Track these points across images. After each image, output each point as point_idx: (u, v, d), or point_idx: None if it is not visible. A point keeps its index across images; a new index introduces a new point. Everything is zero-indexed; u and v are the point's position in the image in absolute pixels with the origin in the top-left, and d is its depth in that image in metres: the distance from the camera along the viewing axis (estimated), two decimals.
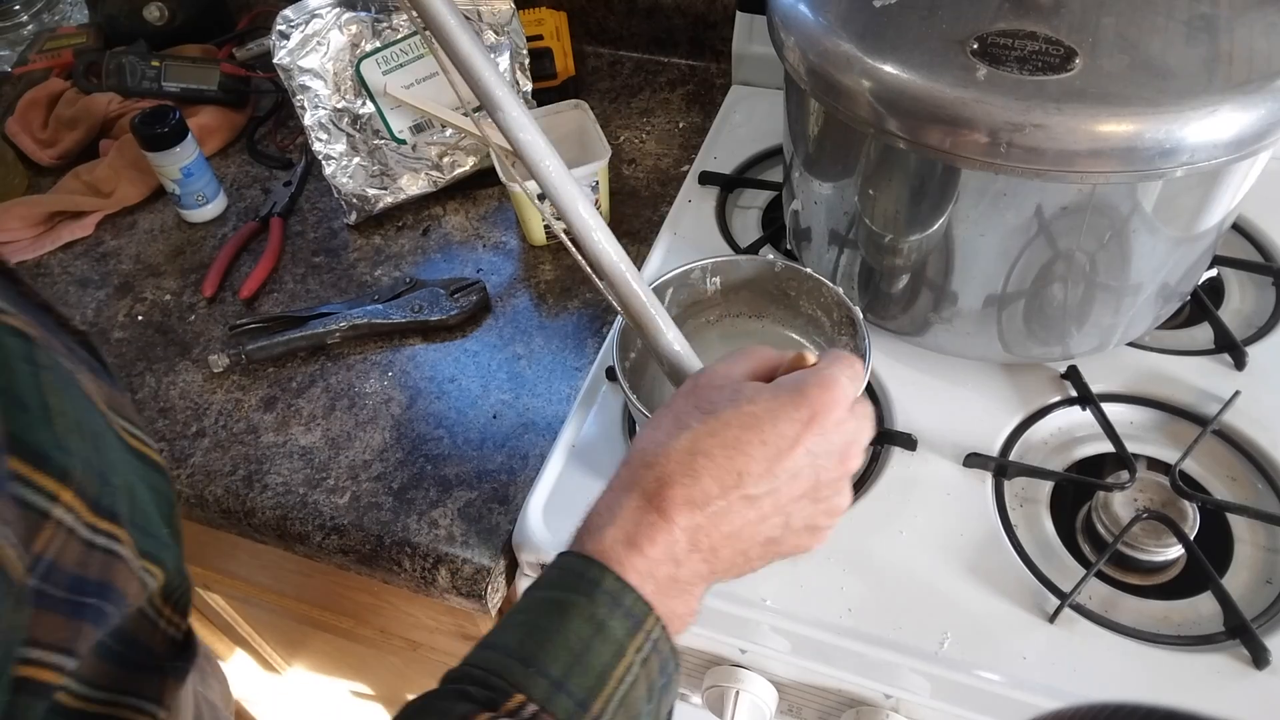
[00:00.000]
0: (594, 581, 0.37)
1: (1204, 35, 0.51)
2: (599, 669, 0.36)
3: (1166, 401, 0.65)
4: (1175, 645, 0.54)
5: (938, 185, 0.56)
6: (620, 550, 0.38)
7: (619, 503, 0.39)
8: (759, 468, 0.39)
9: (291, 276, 0.85)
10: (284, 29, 0.78)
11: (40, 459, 0.32)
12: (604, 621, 0.36)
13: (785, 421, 0.39)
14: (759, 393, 0.40)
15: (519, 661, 0.36)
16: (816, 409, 0.40)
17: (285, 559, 0.73)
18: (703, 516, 0.39)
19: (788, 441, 0.39)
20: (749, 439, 0.39)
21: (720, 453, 0.39)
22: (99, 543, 0.35)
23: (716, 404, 0.40)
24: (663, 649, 0.38)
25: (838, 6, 0.58)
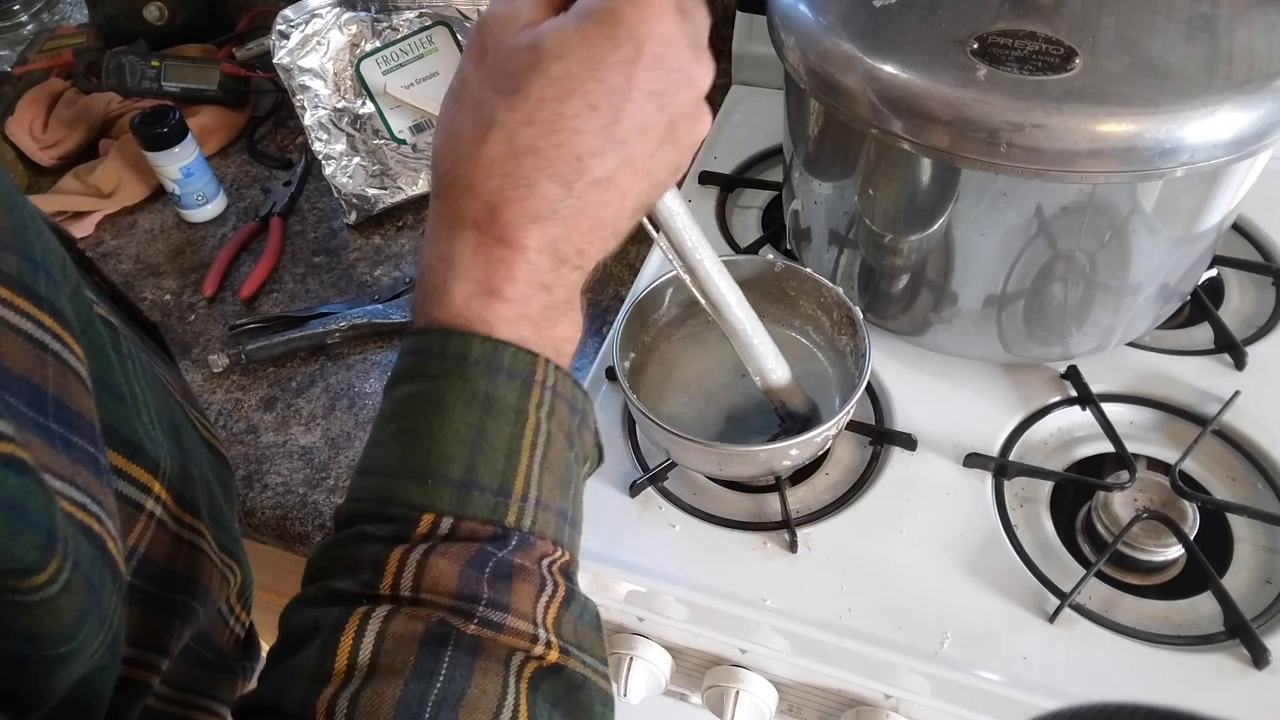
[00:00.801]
0: (459, 356, 0.31)
1: (1204, 35, 0.51)
2: (505, 447, 0.31)
3: (1166, 401, 0.65)
4: (1175, 645, 0.54)
5: (938, 185, 0.56)
6: (477, 305, 0.31)
7: (452, 247, 0.32)
8: (597, 141, 0.32)
9: (291, 276, 0.85)
10: (284, 29, 0.78)
11: (134, 450, 0.31)
12: (489, 394, 0.31)
13: (608, 68, 0.31)
14: (564, 43, 0.31)
15: (411, 478, 0.31)
16: (639, 35, 0.31)
17: (285, 559, 0.73)
18: (555, 225, 0.32)
19: (620, 93, 0.31)
20: (573, 110, 0.31)
21: (546, 142, 0.31)
22: (185, 536, 0.34)
23: (517, 77, 0.31)
24: (563, 388, 0.33)
25: (838, 6, 0.58)
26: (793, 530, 0.58)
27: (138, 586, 0.31)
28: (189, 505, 0.35)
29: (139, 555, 0.31)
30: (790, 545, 0.59)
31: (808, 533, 0.59)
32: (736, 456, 0.58)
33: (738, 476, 0.63)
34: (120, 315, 0.39)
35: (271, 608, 0.99)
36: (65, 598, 0.24)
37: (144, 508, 0.31)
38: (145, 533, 0.31)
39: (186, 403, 0.41)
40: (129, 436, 0.31)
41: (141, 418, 0.32)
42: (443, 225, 0.32)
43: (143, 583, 0.32)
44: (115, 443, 0.30)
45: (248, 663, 0.44)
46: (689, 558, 0.59)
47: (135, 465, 0.31)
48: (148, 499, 0.32)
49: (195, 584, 0.35)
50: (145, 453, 0.31)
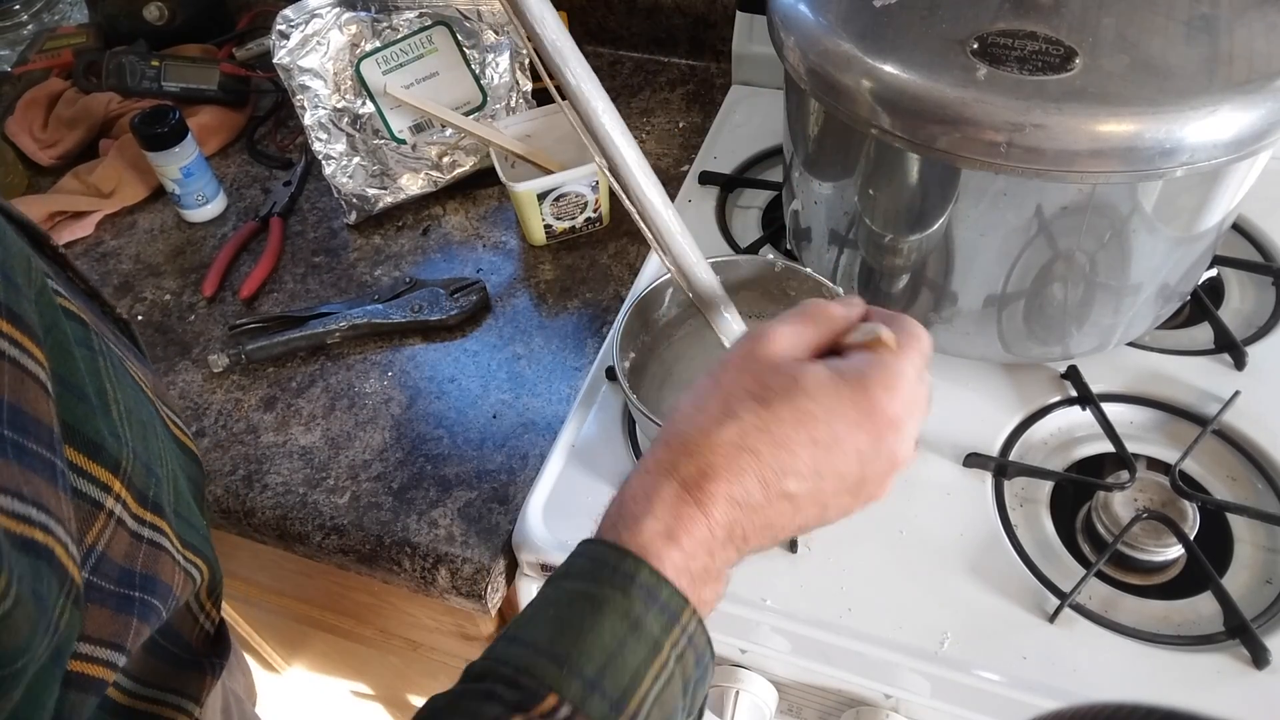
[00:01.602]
0: (629, 575, 0.35)
1: (1204, 35, 0.51)
2: (634, 667, 0.34)
3: (1166, 401, 0.65)
4: (1175, 645, 0.54)
5: (938, 185, 0.56)
6: (659, 543, 0.36)
7: (656, 490, 0.37)
8: (805, 468, 0.37)
9: (291, 276, 0.85)
10: (284, 29, 0.78)
11: (94, 449, 0.31)
12: (640, 618, 0.35)
13: (841, 423, 0.37)
14: (819, 386, 0.37)
15: (551, 660, 0.34)
16: (876, 411, 0.37)
17: (285, 559, 0.73)
18: (741, 513, 0.37)
19: (838, 444, 0.37)
20: (800, 438, 0.37)
21: (768, 451, 0.36)
22: (145, 535, 0.35)
23: (771, 392, 0.37)
24: (698, 642, 0.37)
25: (838, 6, 0.58)
26: None
27: (96, 584, 0.32)
28: (151, 504, 0.35)
29: (98, 553, 0.32)
30: (790, 545, 0.59)
31: (808, 533, 0.59)
32: None
33: None
34: (95, 311, 0.39)
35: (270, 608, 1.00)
36: (18, 612, 0.24)
37: (103, 506, 0.32)
38: (105, 531, 0.32)
39: (158, 399, 0.42)
40: (90, 436, 0.31)
41: (110, 414, 0.33)
42: (657, 470, 0.37)
43: (102, 580, 0.32)
44: (76, 442, 0.30)
45: (217, 659, 0.45)
46: None
47: (95, 464, 0.31)
48: (107, 497, 0.32)
49: (156, 582, 0.36)
50: (106, 451, 0.32)
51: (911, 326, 0.41)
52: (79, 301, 0.37)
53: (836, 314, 0.41)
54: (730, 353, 0.39)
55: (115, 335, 0.40)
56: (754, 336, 0.39)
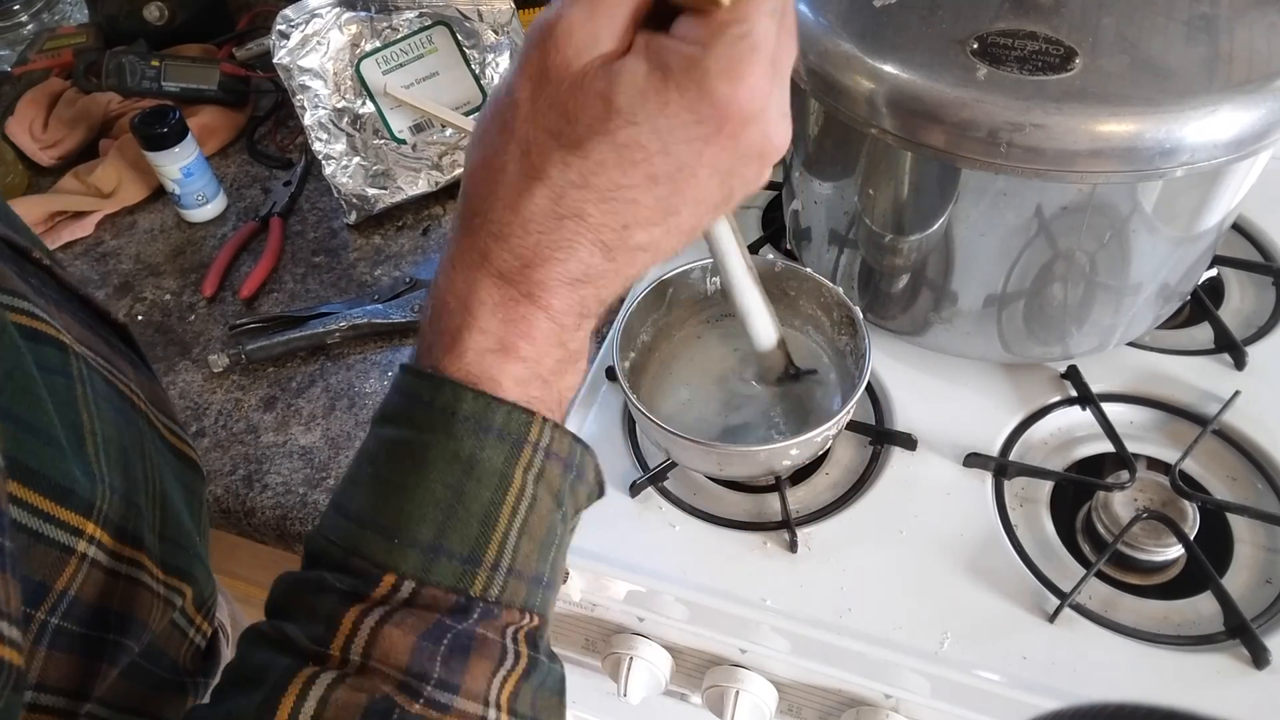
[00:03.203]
0: (447, 409, 0.29)
1: (1204, 35, 0.51)
2: (480, 513, 0.29)
3: (1166, 401, 0.65)
4: (1175, 645, 0.54)
5: (938, 185, 0.56)
6: (489, 361, 0.30)
7: (472, 293, 0.30)
8: (649, 213, 0.30)
9: (291, 276, 0.85)
10: (284, 29, 0.78)
11: (64, 494, 0.30)
12: (473, 455, 0.29)
13: (679, 143, 0.28)
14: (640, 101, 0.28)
15: (378, 533, 0.29)
16: (724, 112, 0.28)
17: (285, 559, 0.73)
18: (587, 288, 0.30)
19: (686, 169, 0.29)
20: (632, 181, 0.29)
21: (596, 209, 0.29)
22: (123, 571, 0.34)
23: (578, 128, 0.28)
24: (558, 446, 0.31)
25: (838, 6, 0.58)
26: (793, 530, 0.58)
27: (64, 629, 0.31)
28: (130, 537, 0.34)
29: (69, 598, 0.30)
30: (790, 545, 0.59)
31: (808, 533, 0.59)
32: (736, 456, 0.58)
33: (738, 476, 0.63)
34: (87, 319, 0.38)
35: None
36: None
37: (74, 550, 0.31)
38: (76, 575, 0.31)
39: (153, 409, 0.40)
40: (59, 480, 0.30)
41: (84, 451, 0.32)
42: (466, 264, 0.30)
43: (72, 625, 0.31)
44: (43, 487, 0.29)
45: (203, 678, 0.43)
46: (689, 558, 0.59)
47: (64, 509, 0.30)
48: (79, 541, 0.31)
49: (130, 620, 0.34)
50: (77, 495, 0.31)
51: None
52: (67, 315, 0.35)
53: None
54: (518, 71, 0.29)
55: (109, 343, 0.39)
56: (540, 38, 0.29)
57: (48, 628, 0.30)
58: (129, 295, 0.84)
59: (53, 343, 0.32)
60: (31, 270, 0.36)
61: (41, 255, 0.37)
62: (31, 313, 0.31)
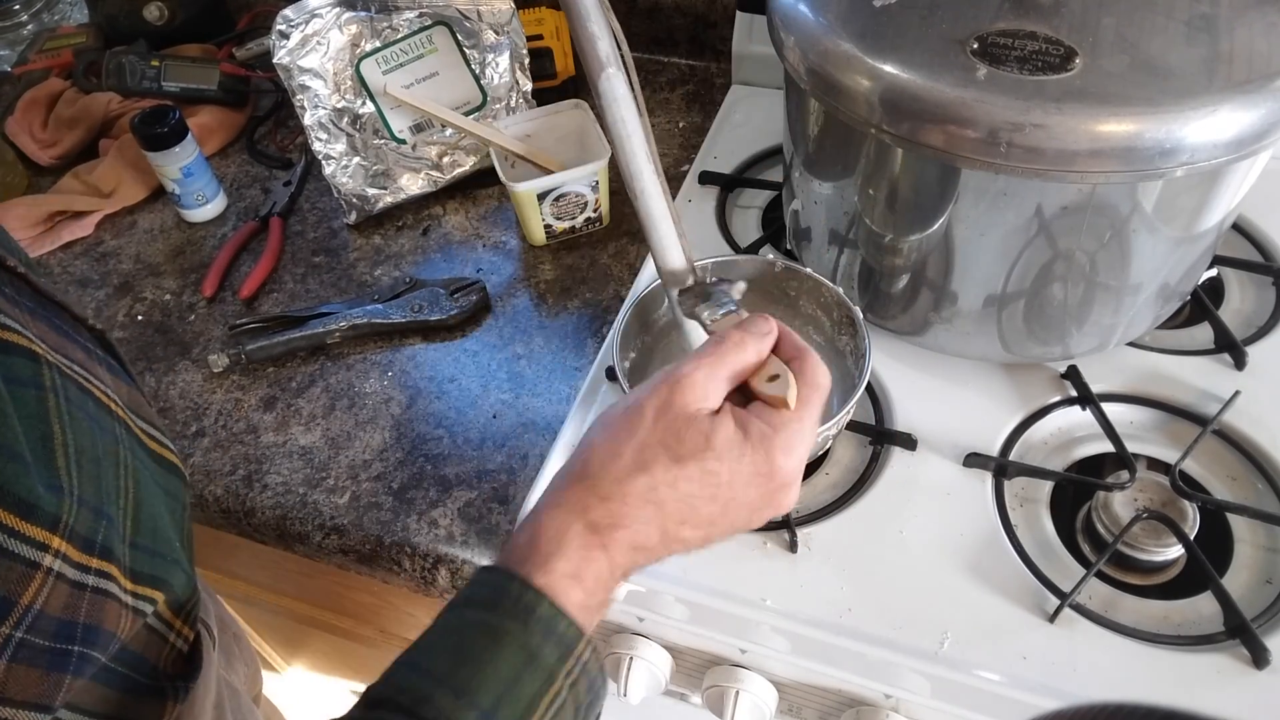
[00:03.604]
0: (530, 608, 0.37)
1: (1204, 35, 0.51)
2: (528, 698, 0.36)
3: (1166, 401, 0.65)
4: (1175, 645, 0.54)
5: (938, 185, 0.56)
6: (565, 583, 0.39)
7: (567, 530, 0.40)
8: (702, 520, 0.41)
9: (291, 276, 0.85)
10: (284, 29, 0.78)
11: (28, 509, 0.31)
12: (537, 649, 0.37)
13: (741, 482, 0.41)
14: (727, 448, 0.41)
15: (449, 690, 0.36)
16: (774, 474, 0.41)
17: (285, 559, 0.73)
18: (639, 555, 0.41)
19: (736, 500, 0.41)
20: (703, 495, 0.41)
21: (673, 505, 0.40)
22: (90, 583, 0.34)
23: (683, 448, 0.40)
24: (591, 670, 0.39)
25: (838, 6, 0.58)
26: (793, 530, 0.58)
27: (29, 643, 0.31)
28: (99, 549, 0.34)
29: (34, 612, 0.31)
30: (790, 545, 0.59)
31: (808, 533, 0.59)
32: None
33: None
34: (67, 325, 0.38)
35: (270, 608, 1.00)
36: None
37: (40, 565, 0.31)
38: (42, 589, 0.31)
39: (132, 415, 0.40)
40: (22, 496, 0.30)
41: (54, 463, 0.32)
42: (569, 506, 0.40)
43: (37, 638, 0.31)
44: (6, 503, 0.30)
45: (183, 682, 0.43)
46: (689, 558, 0.59)
47: (29, 524, 0.31)
48: (45, 555, 0.31)
49: (98, 632, 0.35)
50: (41, 509, 0.31)
51: (814, 374, 0.43)
52: (42, 323, 0.35)
53: (748, 358, 0.43)
54: (648, 396, 0.42)
55: (86, 349, 0.39)
56: (671, 382, 0.41)
57: (11, 641, 0.30)
58: (129, 295, 0.84)
59: (24, 353, 0.32)
60: (5, 279, 0.36)
61: (17, 263, 0.37)
62: (2, 324, 0.32)
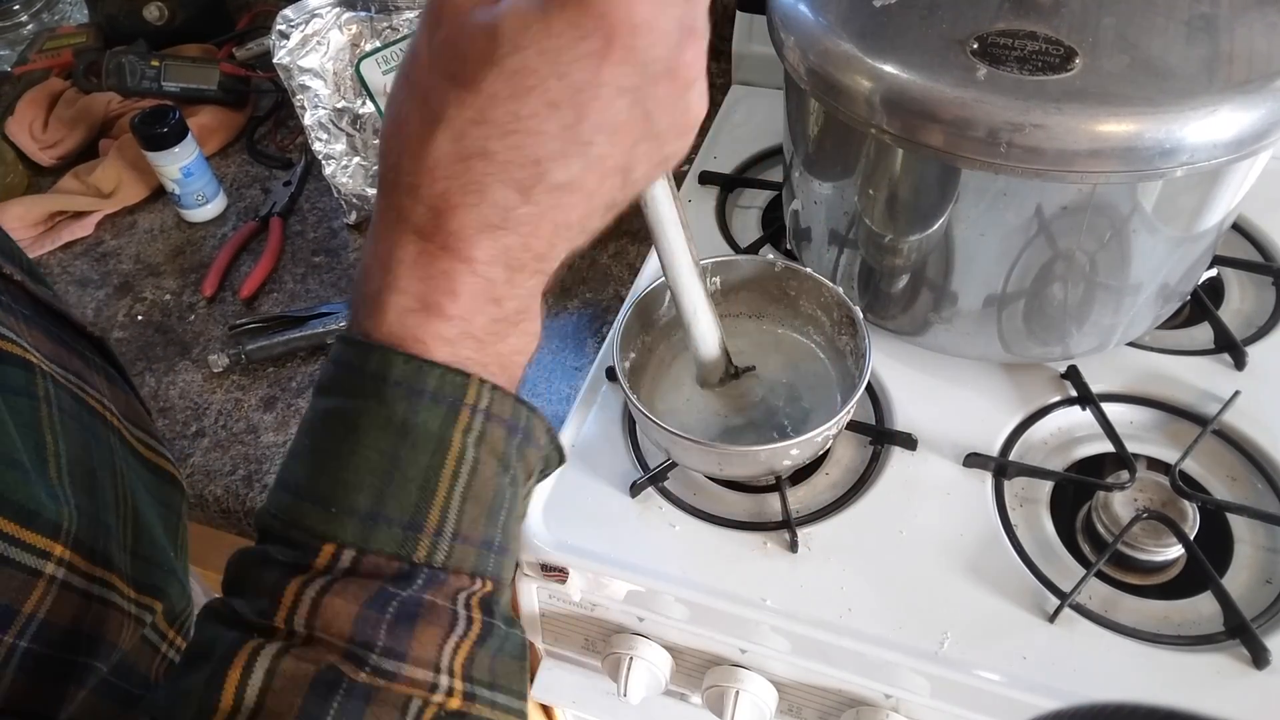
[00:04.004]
0: (379, 376, 0.29)
1: (1204, 35, 0.51)
2: (419, 478, 0.29)
3: (1166, 401, 0.65)
4: (1175, 645, 0.54)
5: (938, 185, 0.56)
6: (412, 321, 0.29)
7: (391, 252, 0.29)
8: (558, 144, 0.28)
9: (291, 276, 0.85)
10: (284, 29, 0.78)
11: (29, 516, 0.30)
12: (406, 420, 0.29)
13: (571, 62, 0.27)
14: (522, 28, 0.27)
15: (315, 503, 0.29)
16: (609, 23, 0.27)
17: None
18: (509, 234, 0.29)
19: (585, 90, 0.28)
20: (530, 109, 0.28)
21: (500, 144, 0.28)
22: (95, 592, 0.33)
23: (471, 64, 0.28)
24: (500, 409, 0.31)
25: (838, 6, 0.58)
26: (793, 530, 0.58)
27: (33, 652, 0.30)
28: (100, 558, 0.34)
29: (37, 620, 0.30)
30: (790, 545, 0.59)
31: (808, 533, 0.59)
32: (736, 456, 0.58)
33: (738, 476, 0.63)
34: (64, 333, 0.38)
35: None
36: None
37: (42, 572, 0.30)
38: (45, 597, 0.31)
39: (127, 424, 0.40)
40: (23, 503, 0.30)
41: (48, 472, 0.31)
42: (384, 225, 0.30)
43: (40, 647, 0.31)
44: (7, 511, 0.29)
45: None
46: (689, 558, 0.59)
47: (30, 531, 0.30)
48: (47, 563, 0.31)
49: (99, 641, 0.34)
50: (43, 517, 0.31)
51: None
52: (38, 331, 0.35)
53: None
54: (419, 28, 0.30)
55: (85, 357, 0.39)
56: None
57: (15, 651, 0.30)
58: (129, 295, 0.84)
59: (17, 362, 0.32)
60: (1, 286, 0.35)
61: (14, 270, 0.36)
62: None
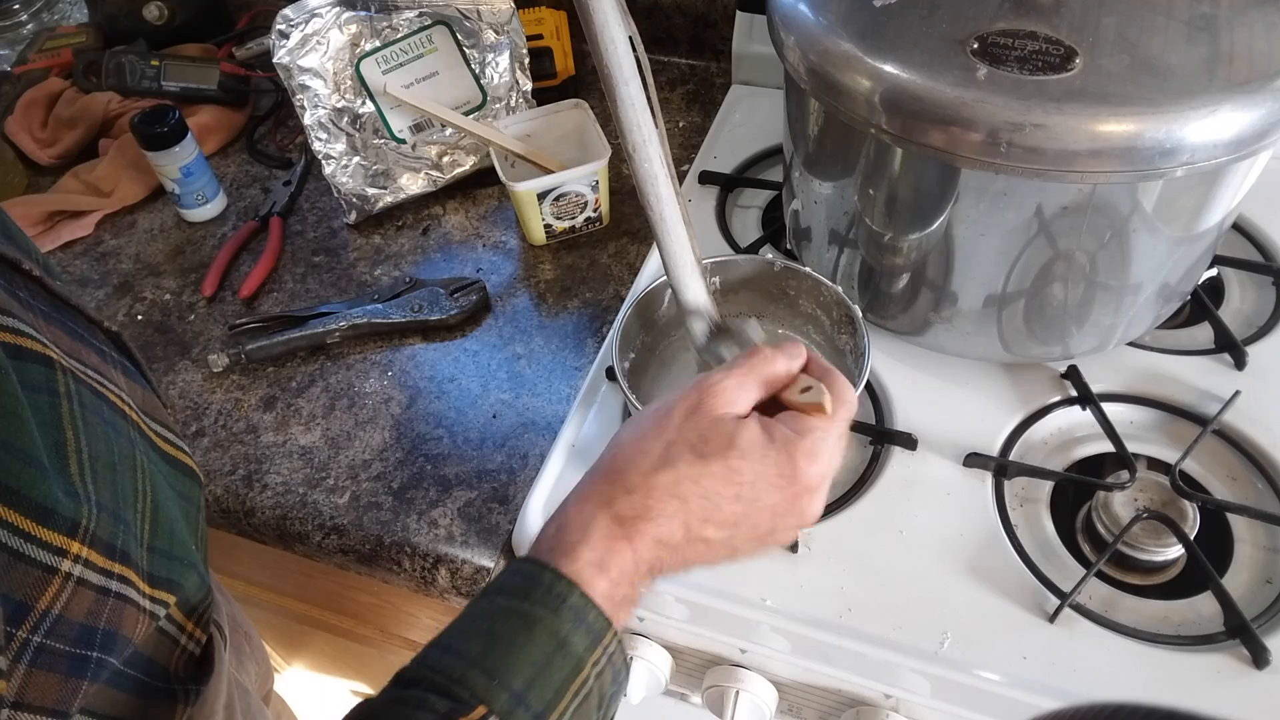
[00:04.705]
0: (561, 597, 0.39)
1: (1204, 35, 0.51)
2: (557, 683, 0.37)
3: (1166, 401, 0.65)
4: (1175, 645, 0.54)
5: (938, 185, 0.56)
6: (590, 571, 0.40)
7: (593, 521, 0.41)
8: (725, 519, 0.42)
9: (291, 276, 0.85)
10: (284, 28, 0.78)
11: (45, 514, 0.31)
12: (567, 637, 0.38)
13: (764, 484, 0.42)
14: (751, 448, 0.42)
15: (483, 672, 0.37)
16: (797, 478, 0.42)
17: (285, 559, 0.73)
18: (663, 551, 0.41)
19: (759, 502, 0.42)
20: (726, 493, 0.41)
21: (696, 502, 0.41)
22: (112, 588, 0.34)
23: (708, 447, 0.41)
24: (616, 660, 0.40)
25: (838, 6, 0.58)
26: None
27: (49, 647, 0.31)
28: (118, 554, 0.34)
29: (53, 616, 0.31)
30: (790, 545, 0.59)
31: (808, 533, 0.59)
32: None
33: None
34: (82, 329, 0.38)
35: (270, 607, 1.00)
36: None
37: (58, 570, 0.31)
38: (61, 594, 0.31)
39: (147, 418, 0.40)
40: (40, 500, 0.30)
41: (68, 469, 0.32)
42: (595, 498, 0.42)
43: (57, 642, 0.31)
44: (23, 508, 0.30)
45: (194, 685, 0.43)
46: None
47: (46, 529, 0.30)
48: (64, 560, 0.31)
49: (116, 637, 0.34)
50: (59, 515, 0.31)
51: (843, 391, 0.44)
52: (56, 327, 0.35)
53: (779, 370, 0.45)
54: (679, 400, 0.44)
55: (101, 353, 0.39)
56: (702, 388, 0.43)
57: (29, 645, 0.30)
58: (129, 295, 0.84)
59: (38, 359, 0.32)
60: (20, 283, 0.36)
61: (32, 266, 0.37)
62: (16, 329, 0.32)
